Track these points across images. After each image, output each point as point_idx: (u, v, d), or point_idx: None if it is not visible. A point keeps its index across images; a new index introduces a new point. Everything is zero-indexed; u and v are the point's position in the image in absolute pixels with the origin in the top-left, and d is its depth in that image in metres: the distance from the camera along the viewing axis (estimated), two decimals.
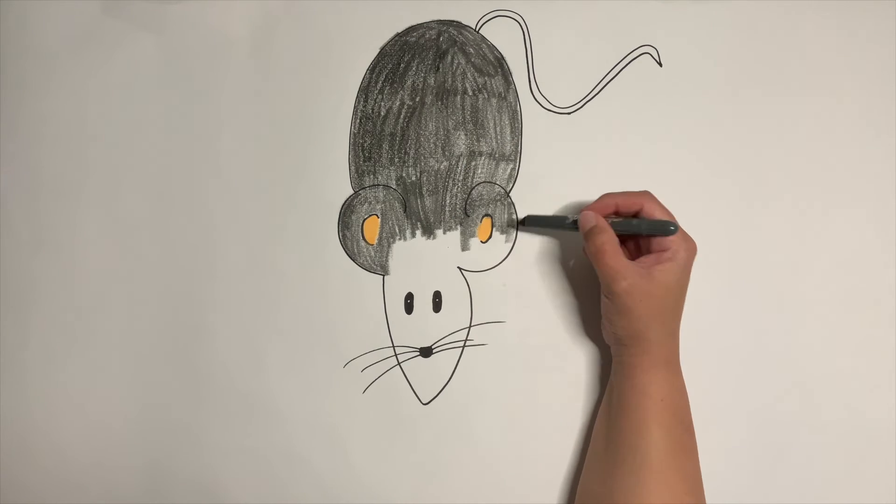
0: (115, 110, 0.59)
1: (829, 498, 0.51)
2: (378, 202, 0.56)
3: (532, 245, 0.55)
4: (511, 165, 0.55)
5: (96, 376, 0.58)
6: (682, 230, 0.47)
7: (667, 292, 0.46)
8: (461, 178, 0.56)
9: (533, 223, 0.54)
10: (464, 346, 0.55)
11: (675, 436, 0.46)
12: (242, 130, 0.58)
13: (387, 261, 0.55)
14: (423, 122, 0.56)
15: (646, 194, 0.49)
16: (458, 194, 0.55)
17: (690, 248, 0.47)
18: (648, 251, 0.48)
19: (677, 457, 0.45)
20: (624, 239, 0.49)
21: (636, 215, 0.49)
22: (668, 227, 0.46)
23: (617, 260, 0.46)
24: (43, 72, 0.60)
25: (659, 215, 0.47)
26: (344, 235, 0.56)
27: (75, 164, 0.59)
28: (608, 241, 0.47)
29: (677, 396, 0.47)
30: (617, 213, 0.50)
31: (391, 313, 0.55)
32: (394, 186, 0.56)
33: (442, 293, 0.55)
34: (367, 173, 0.56)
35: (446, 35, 0.57)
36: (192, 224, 0.58)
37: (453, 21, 0.57)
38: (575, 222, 0.50)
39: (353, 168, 0.56)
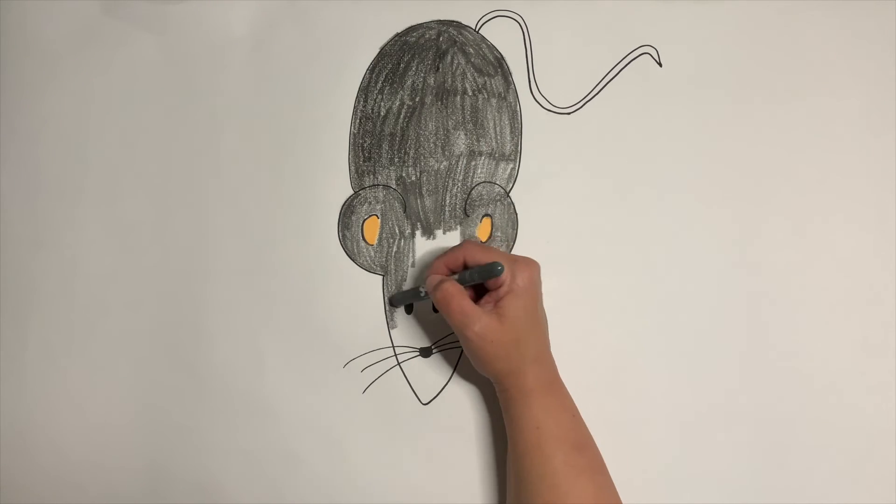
0: (115, 110, 0.59)
1: (829, 498, 0.51)
2: (378, 202, 0.56)
3: (532, 245, 0.55)
4: (511, 165, 0.55)
5: (96, 376, 0.58)
6: (513, 259, 0.48)
7: (516, 323, 0.46)
8: (461, 178, 0.56)
9: (397, 302, 0.54)
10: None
11: (562, 459, 0.45)
12: (242, 130, 0.58)
13: (387, 261, 0.55)
14: (423, 122, 0.56)
15: (465, 244, 0.49)
16: (458, 194, 0.55)
17: (527, 272, 0.47)
18: (487, 293, 0.48)
19: (571, 479, 0.44)
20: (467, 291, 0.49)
21: (465, 267, 0.49)
22: (495, 269, 0.46)
23: (464, 303, 0.46)
24: (43, 72, 0.60)
25: (483, 259, 0.47)
26: (344, 235, 0.56)
27: (75, 164, 0.59)
28: (451, 286, 0.47)
29: (556, 419, 0.47)
30: (449, 270, 0.50)
31: (391, 313, 0.55)
32: (394, 186, 0.56)
33: None
34: (367, 173, 0.56)
35: (446, 35, 0.57)
36: (192, 224, 0.58)
37: (453, 21, 0.57)
38: (426, 293, 0.50)
39: (353, 168, 0.56)
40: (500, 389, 0.49)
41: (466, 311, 0.46)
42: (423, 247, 0.55)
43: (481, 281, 0.47)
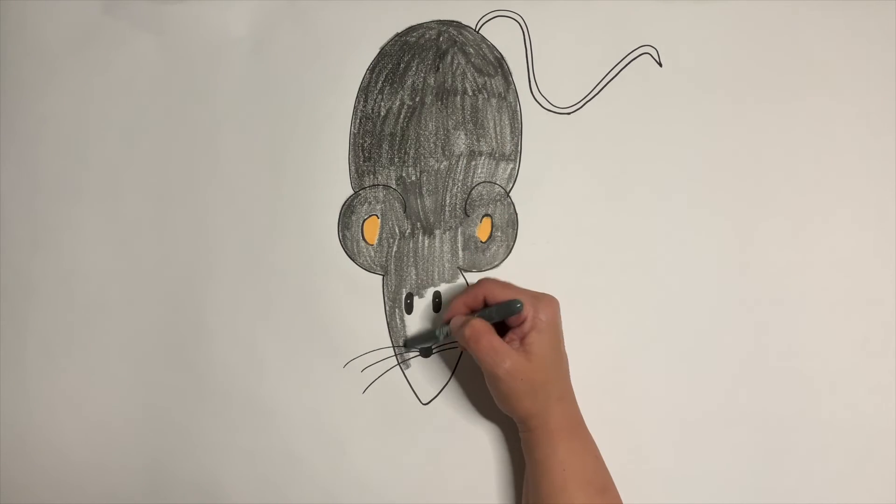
0: (115, 110, 0.59)
1: (829, 498, 0.51)
2: (378, 202, 0.56)
3: (532, 245, 0.55)
4: (511, 165, 0.55)
5: (96, 376, 0.58)
6: (534, 295, 0.47)
7: (544, 361, 0.46)
8: (461, 177, 0.56)
9: (411, 344, 0.54)
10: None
11: (586, 502, 0.45)
12: (242, 130, 0.58)
13: (387, 261, 0.55)
14: (423, 122, 0.56)
15: (484, 282, 0.49)
16: (458, 194, 0.55)
17: (549, 308, 0.47)
18: (510, 331, 0.48)
19: None
20: None
21: (485, 305, 0.49)
22: (514, 306, 0.46)
23: (494, 341, 0.46)
24: (43, 72, 0.60)
25: (502, 296, 0.47)
26: (344, 235, 0.56)
27: (75, 164, 0.59)
28: (479, 327, 0.46)
29: (580, 461, 0.46)
30: (471, 311, 0.50)
31: (391, 313, 0.55)
32: (394, 186, 0.56)
33: (442, 293, 0.55)
34: (367, 173, 0.56)
35: (446, 35, 0.57)
36: (192, 224, 0.58)
37: (453, 21, 0.57)
38: (446, 336, 0.50)
39: (353, 168, 0.56)
40: (525, 429, 0.48)
41: (497, 348, 0.45)
42: (424, 247, 0.55)
43: (500, 319, 0.47)
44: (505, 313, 0.46)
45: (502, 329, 0.48)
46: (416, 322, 0.55)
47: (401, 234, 0.56)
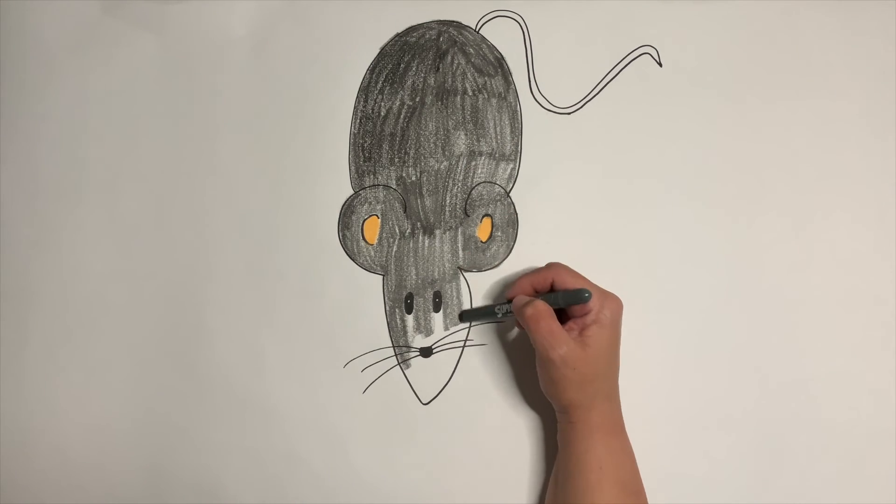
0: (115, 110, 0.59)
1: (829, 498, 0.51)
2: (378, 202, 0.56)
3: (532, 245, 0.55)
4: (511, 165, 0.55)
5: (96, 376, 0.58)
6: (601, 290, 0.47)
7: (599, 356, 0.46)
8: (461, 178, 0.56)
9: (467, 318, 0.54)
10: (464, 346, 0.55)
11: (619, 502, 0.45)
12: (242, 130, 0.58)
13: (387, 261, 0.55)
14: (423, 122, 0.56)
15: (554, 266, 0.49)
16: (458, 194, 0.55)
17: (613, 306, 0.47)
18: (571, 319, 0.47)
19: None
20: None
21: (552, 289, 0.48)
22: (582, 295, 0.45)
23: (553, 325, 0.45)
24: (43, 72, 0.60)
25: (571, 284, 0.47)
26: (344, 235, 0.56)
27: (75, 164, 0.59)
28: (542, 308, 0.46)
29: (618, 461, 0.46)
30: (536, 292, 0.50)
31: (391, 313, 0.55)
32: (394, 186, 0.56)
33: (442, 293, 0.55)
34: (367, 173, 0.56)
35: (446, 35, 0.57)
36: (192, 224, 0.58)
37: (453, 21, 0.57)
38: (505, 314, 0.50)
39: (353, 168, 0.56)
40: (566, 421, 0.48)
41: (555, 332, 0.45)
42: (424, 247, 0.55)
43: (566, 305, 0.47)
44: (572, 300, 0.46)
45: (563, 317, 0.48)
46: (416, 322, 0.55)
47: (401, 234, 0.56)
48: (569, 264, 0.54)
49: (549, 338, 0.45)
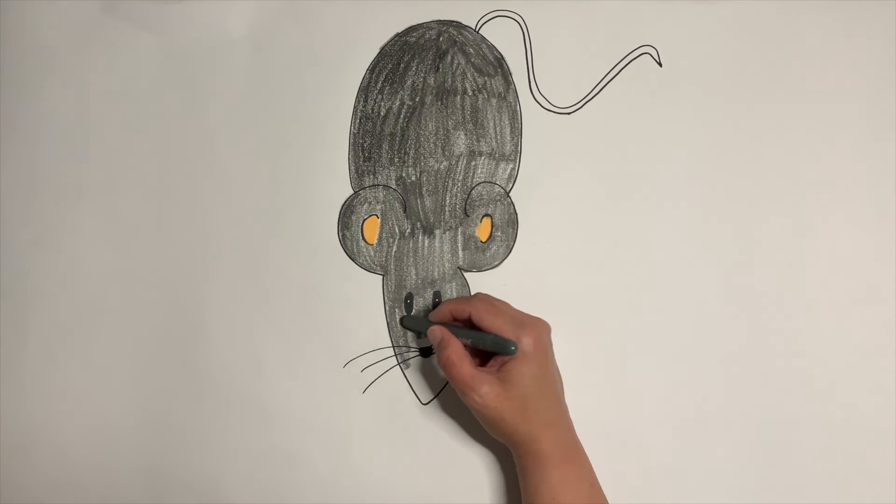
0: (115, 110, 0.59)
1: (829, 498, 0.51)
2: (378, 202, 0.56)
3: (532, 245, 0.55)
4: (511, 165, 0.55)
5: (96, 376, 0.58)
6: (520, 320, 0.46)
7: (524, 389, 0.45)
8: (461, 178, 0.56)
9: (407, 324, 0.54)
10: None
11: None
12: (242, 130, 0.58)
13: (387, 261, 0.55)
14: (423, 122, 0.56)
15: (475, 302, 0.48)
16: (458, 194, 0.55)
17: (533, 335, 0.46)
18: (493, 357, 0.47)
19: None
20: None
21: (472, 325, 0.48)
22: (508, 348, 0.45)
23: (464, 370, 0.45)
24: (43, 71, 0.60)
25: (488, 321, 0.46)
26: (344, 235, 0.56)
27: (75, 163, 0.59)
28: (453, 353, 0.46)
29: (573, 489, 0.45)
30: (454, 319, 0.49)
31: (391, 313, 0.55)
32: (394, 186, 0.56)
33: (442, 293, 0.55)
34: (367, 173, 0.56)
35: (446, 35, 0.57)
36: (192, 224, 0.58)
37: (453, 21, 0.57)
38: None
39: (353, 168, 0.56)
40: (515, 455, 0.48)
41: (466, 378, 0.45)
42: (424, 247, 0.55)
43: (491, 350, 0.47)
44: (497, 349, 0.46)
45: (487, 354, 0.48)
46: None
47: (401, 233, 0.56)
48: (568, 264, 0.54)
49: (462, 384, 0.45)
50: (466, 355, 0.46)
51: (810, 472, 0.51)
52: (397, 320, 0.55)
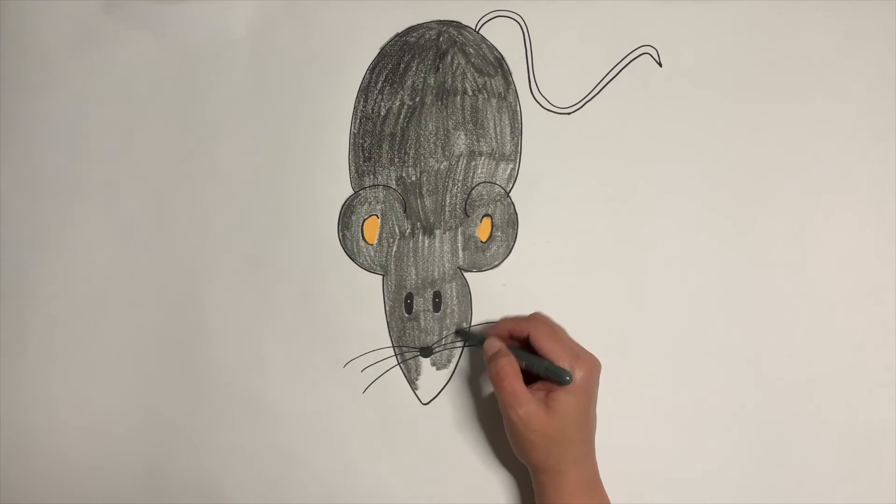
0: (115, 110, 0.59)
1: (829, 498, 0.51)
2: (378, 202, 0.56)
3: (532, 245, 0.55)
4: (511, 165, 0.55)
5: (96, 377, 0.58)
6: (575, 352, 0.46)
7: (565, 420, 0.45)
8: (461, 178, 0.56)
9: (463, 336, 0.54)
10: (464, 346, 0.55)
11: None
12: (242, 130, 0.58)
13: (387, 261, 0.55)
14: (423, 122, 0.56)
15: (535, 322, 0.48)
16: (458, 194, 0.55)
17: (586, 369, 0.46)
18: (541, 380, 0.47)
19: None
20: None
21: (527, 339, 0.48)
22: (563, 377, 0.44)
23: (515, 385, 0.45)
24: (42, 72, 0.60)
25: (546, 345, 0.46)
26: (344, 235, 0.56)
27: (75, 164, 0.59)
28: (508, 365, 0.46)
29: None
30: (511, 337, 0.49)
31: (391, 313, 0.55)
32: (394, 186, 0.56)
33: (442, 293, 0.55)
34: (367, 173, 0.56)
35: (446, 35, 0.57)
36: (192, 224, 0.58)
37: (453, 21, 0.57)
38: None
39: (353, 168, 0.56)
40: (537, 482, 0.47)
41: (517, 392, 0.45)
42: (424, 247, 0.55)
43: (546, 378, 0.46)
44: (551, 375, 0.45)
45: (534, 375, 0.47)
46: (416, 322, 0.55)
47: (401, 233, 0.56)
48: (568, 264, 0.54)
49: (511, 397, 0.45)
50: (519, 372, 0.46)
51: (810, 471, 0.51)
52: (452, 329, 0.54)
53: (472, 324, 0.55)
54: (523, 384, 0.46)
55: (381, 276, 0.56)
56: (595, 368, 0.47)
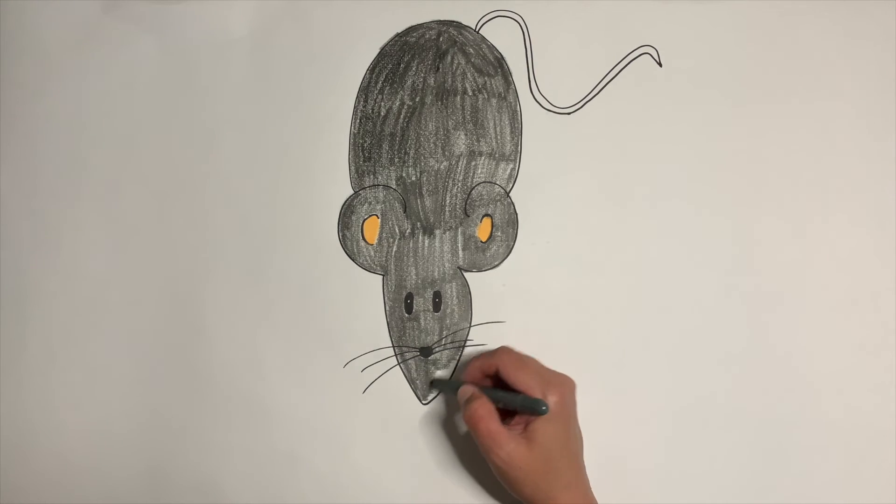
0: (115, 110, 0.59)
1: (829, 498, 0.51)
2: (378, 202, 0.56)
3: (532, 245, 0.55)
4: (511, 165, 0.55)
5: (96, 377, 0.58)
6: (545, 378, 0.46)
7: (548, 450, 0.44)
8: (461, 178, 0.56)
9: (437, 386, 0.54)
10: (464, 346, 0.55)
11: None
12: (242, 130, 0.58)
13: (387, 261, 0.55)
14: (423, 122, 0.56)
15: (500, 354, 0.48)
16: (458, 194, 0.55)
17: (558, 392, 0.45)
18: (518, 414, 0.46)
19: None
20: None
21: (496, 374, 0.48)
22: (539, 408, 0.44)
23: (491, 425, 0.45)
24: (42, 72, 0.60)
25: (514, 376, 0.46)
26: (344, 235, 0.56)
27: (75, 164, 0.59)
28: (481, 407, 0.45)
29: None
30: (485, 375, 0.49)
31: (391, 313, 0.55)
32: (394, 186, 0.56)
33: (442, 293, 0.55)
34: (367, 173, 0.56)
35: (446, 35, 0.57)
36: (192, 224, 0.58)
37: (453, 21, 0.57)
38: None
39: (353, 168, 0.56)
40: None
41: (494, 434, 0.45)
42: (424, 247, 0.55)
43: (522, 412, 0.46)
44: (527, 409, 0.45)
45: (510, 411, 0.47)
46: (416, 322, 0.55)
47: (401, 233, 0.56)
48: (568, 264, 0.54)
49: (489, 440, 0.45)
50: (494, 411, 0.46)
51: (810, 471, 0.51)
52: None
53: (472, 324, 0.55)
54: (499, 423, 0.45)
55: (381, 276, 0.56)
56: (569, 389, 0.47)
